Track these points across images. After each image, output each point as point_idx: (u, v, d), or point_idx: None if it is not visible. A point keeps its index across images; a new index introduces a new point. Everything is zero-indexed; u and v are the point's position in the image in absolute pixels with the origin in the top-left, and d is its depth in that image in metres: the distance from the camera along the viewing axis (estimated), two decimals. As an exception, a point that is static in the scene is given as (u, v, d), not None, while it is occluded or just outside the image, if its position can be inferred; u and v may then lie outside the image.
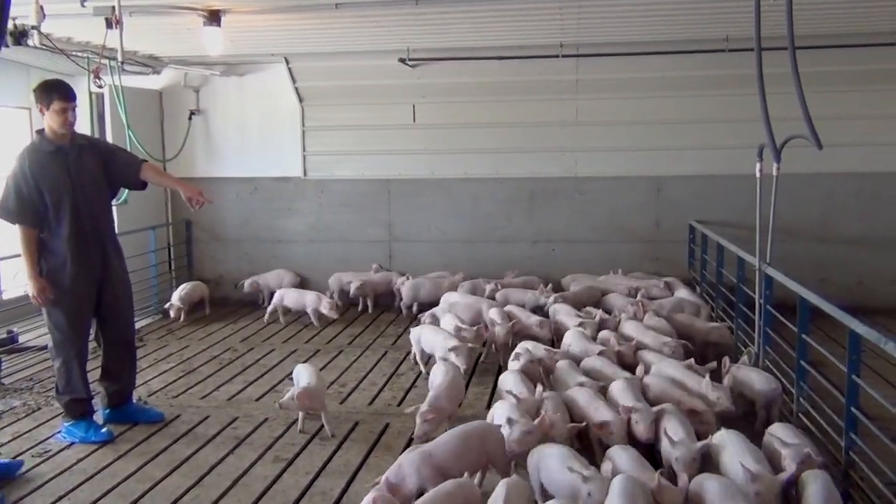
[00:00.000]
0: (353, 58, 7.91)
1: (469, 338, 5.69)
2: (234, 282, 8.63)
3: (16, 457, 4.43)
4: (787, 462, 3.42)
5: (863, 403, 3.71)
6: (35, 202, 4.54)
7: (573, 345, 5.41)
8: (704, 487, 3.18)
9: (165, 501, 3.91)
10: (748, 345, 5.44)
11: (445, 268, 8.27)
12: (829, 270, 7.67)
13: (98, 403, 4.99)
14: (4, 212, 4.60)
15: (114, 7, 5.15)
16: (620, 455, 3.53)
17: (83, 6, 5.32)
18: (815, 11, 6.02)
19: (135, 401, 5.19)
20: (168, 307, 7.89)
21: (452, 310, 6.52)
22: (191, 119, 8.74)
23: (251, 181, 8.77)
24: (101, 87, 6.41)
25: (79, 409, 4.75)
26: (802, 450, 3.44)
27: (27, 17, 4.87)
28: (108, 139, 7.44)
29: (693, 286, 7.48)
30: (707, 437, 3.71)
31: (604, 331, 5.72)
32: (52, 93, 4.53)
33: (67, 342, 4.67)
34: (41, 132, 4.65)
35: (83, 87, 6.66)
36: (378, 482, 3.39)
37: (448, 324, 6.09)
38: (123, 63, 6.42)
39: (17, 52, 6.58)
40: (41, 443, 4.69)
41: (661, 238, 8.16)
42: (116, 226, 5.04)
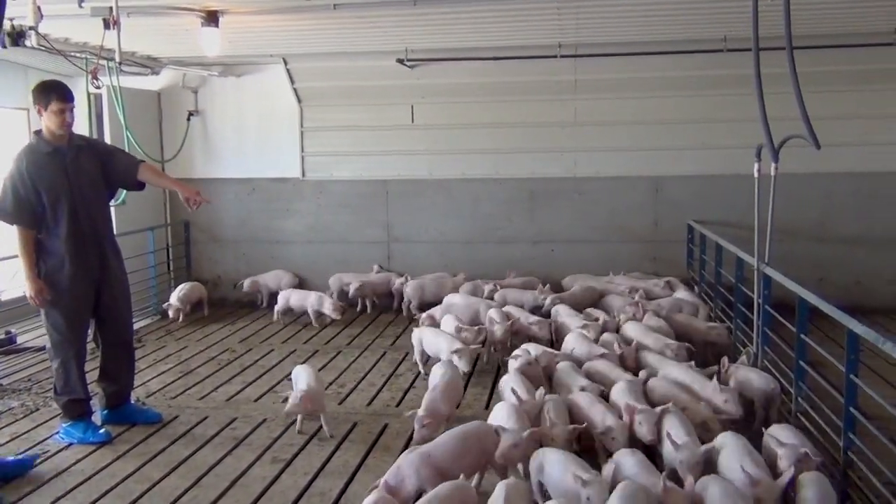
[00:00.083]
0: (352, 58, 7.90)
1: (471, 338, 5.70)
2: (233, 282, 8.64)
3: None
4: (784, 462, 3.42)
5: (861, 403, 3.71)
6: (32, 203, 4.53)
7: (576, 348, 5.35)
8: (707, 490, 3.17)
9: (164, 502, 3.91)
10: (747, 345, 5.44)
11: (445, 269, 8.26)
12: (828, 270, 7.68)
13: (96, 404, 4.99)
14: (1, 213, 4.59)
15: (111, 8, 5.14)
16: (627, 459, 3.50)
17: (81, 7, 5.33)
18: (813, 11, 6.03)
19: (133, 401, 5.18)
20: (166, 308, 7.90)
21: (451, 310, 6.51)
22: (189, 120, 8.73)
23: (249, 182, 8.76)
24: (99, 88, 6.39)
25: (77, 410, 4.75)
26: (799, 450, 3.44)
27: (24, 18, 4.84)
28: (107, 140, 7.44)
29: (692, 286, 7.48)
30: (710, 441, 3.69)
31: (606, 333, 5.68)
32: (50, 93, 4.53)
33: (66, 343, 4.67)
34: (39, 133, 4.64)
35: (81, 88, 6.67)
36: (377, 485, 3.38)
37: (448, 325, 6.08)
38: (121, 64, 6.43)
39: (15, 53, 6.59)
40: (39, 443, 4.68)
41: (660, 238, 8.16)
42: (115, 227, 5.05)
